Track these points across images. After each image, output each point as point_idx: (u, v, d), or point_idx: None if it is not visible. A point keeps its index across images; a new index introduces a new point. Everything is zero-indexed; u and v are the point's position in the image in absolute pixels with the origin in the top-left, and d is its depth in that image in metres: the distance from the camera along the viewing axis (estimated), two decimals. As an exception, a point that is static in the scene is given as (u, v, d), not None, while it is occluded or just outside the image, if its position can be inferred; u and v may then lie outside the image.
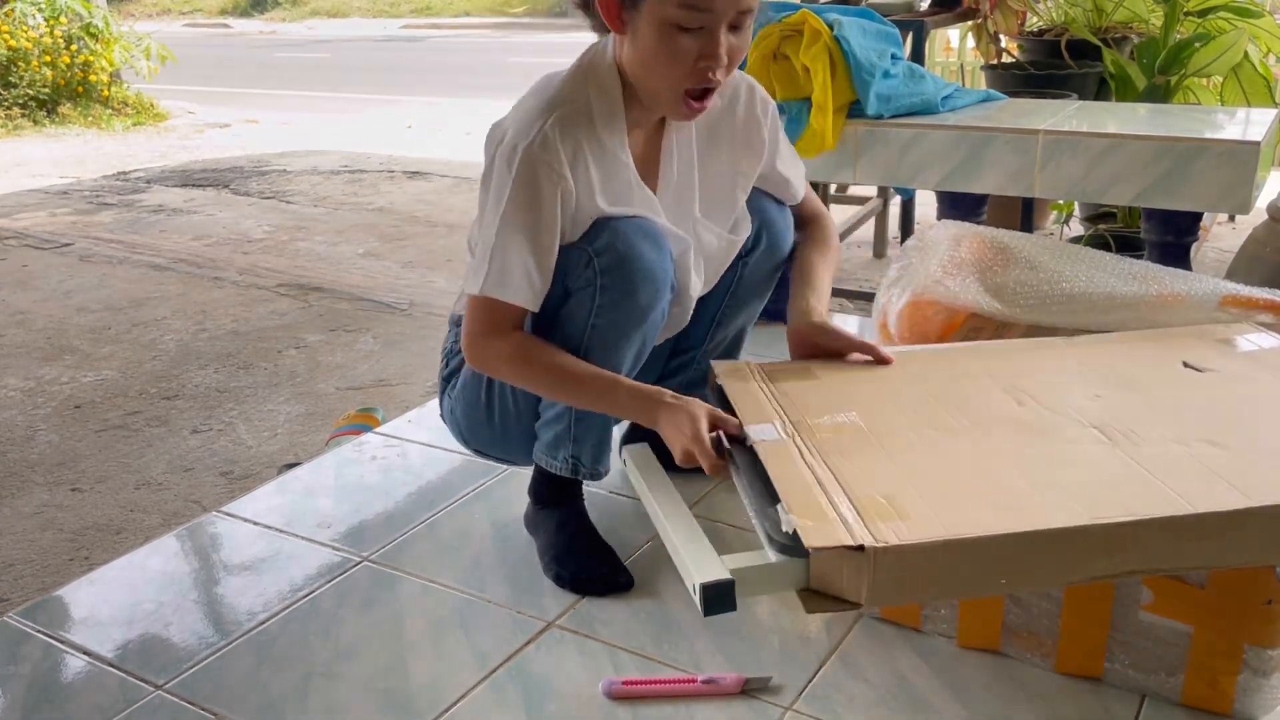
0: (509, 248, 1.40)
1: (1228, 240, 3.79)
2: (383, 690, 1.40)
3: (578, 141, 1.40)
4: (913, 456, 1.21)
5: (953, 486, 1.14)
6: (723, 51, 1.33)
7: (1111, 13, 3.38)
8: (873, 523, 1.06)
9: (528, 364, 1.44)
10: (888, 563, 1.01)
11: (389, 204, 5.31)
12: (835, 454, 1.21)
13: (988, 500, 1.10)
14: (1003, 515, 1.06)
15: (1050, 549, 1.05)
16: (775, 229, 1.67)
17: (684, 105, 1.39)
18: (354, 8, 19.37)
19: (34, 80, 8.14)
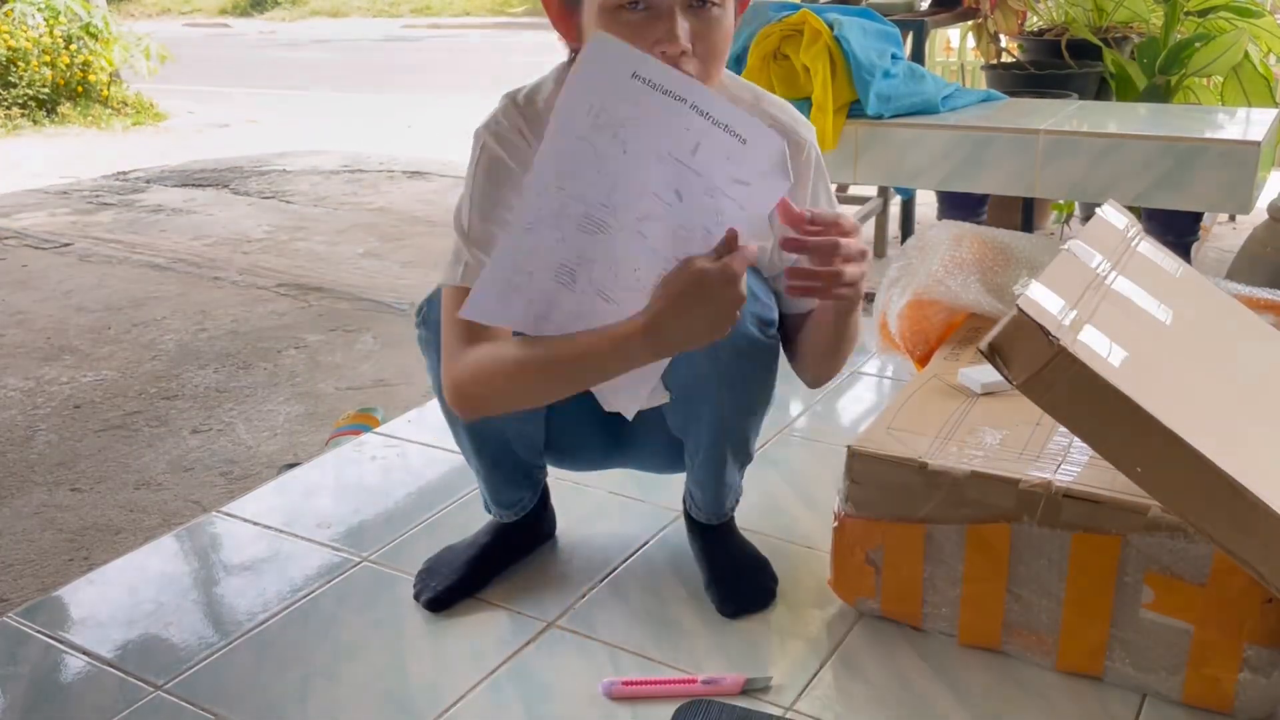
0: (484, 237, 1.27)
1: (1228, 240, 3.79)
2: (383, 690, 1.40)
3: (529, 127, 1.29)
4: (1172, 367, 1.15)
5: (1179, 398, 1.09)
6: (679, 33, 1.14)
7: (1112, 13, 3.37)
8: (1083, 342, 1.04)
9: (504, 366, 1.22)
10: (1063, 367, 1.01)
11: (389, 204, 5.30)
12: (1109, 313, 1.13)
13: (1189, 410, 1.06)
14: (1187, 425, 1.02)
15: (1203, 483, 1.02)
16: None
17: None
18: (354, 8, 19.35)
19: (33, 80, 8.13)
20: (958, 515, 1.36)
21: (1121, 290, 1.21)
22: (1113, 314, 1.15)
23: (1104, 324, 1.11)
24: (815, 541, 1.65)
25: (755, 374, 1.39)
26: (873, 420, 1.51)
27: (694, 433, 1.45)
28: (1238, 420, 1.15)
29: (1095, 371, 1.03)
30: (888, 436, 1.43)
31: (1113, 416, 1.04)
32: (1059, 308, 1.09)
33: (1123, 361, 1.07)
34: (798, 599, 1.54)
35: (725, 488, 1.53)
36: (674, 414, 1.46)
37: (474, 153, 1.32)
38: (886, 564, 1.43)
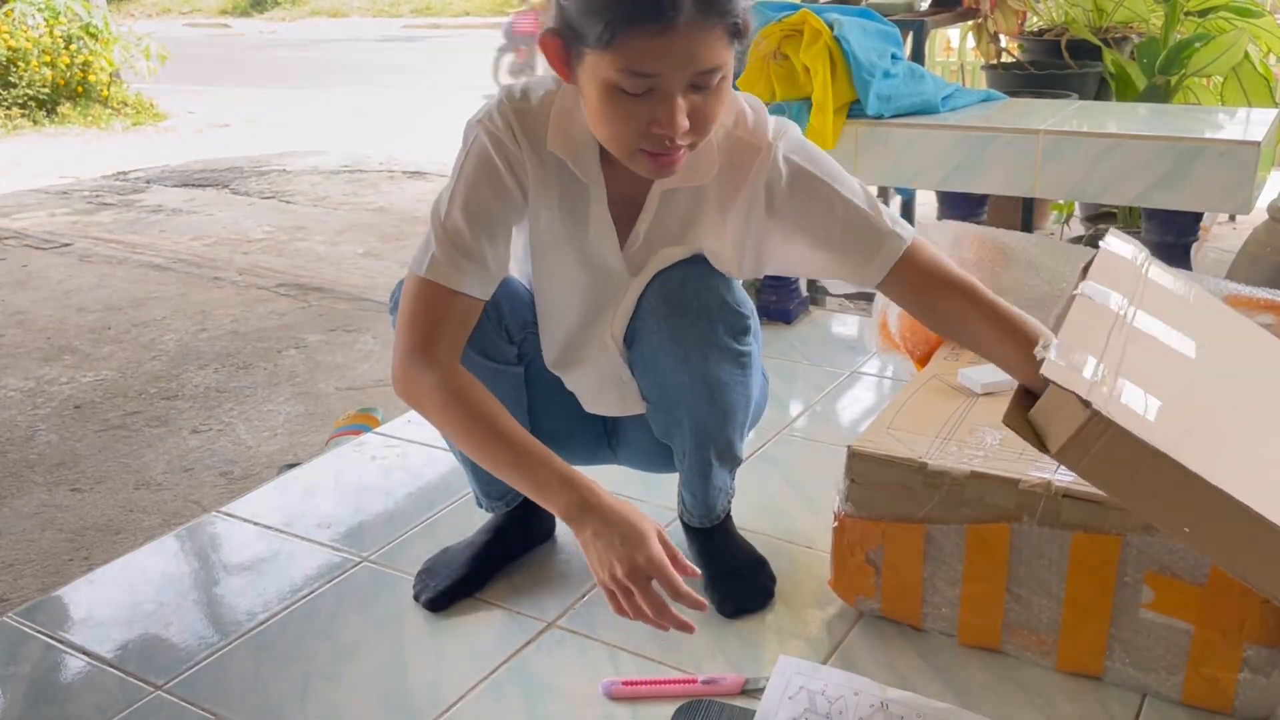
0: (459, 234, 1.25)
1: (1228, 240, 3.79)
2: (383, 690, 1.40)
3: (523, 141, 1.28)
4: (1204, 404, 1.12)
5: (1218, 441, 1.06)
6: (679, 118, 1.13)
7: (1111, 13, 3.37)
8: (1116, 401, 1.01)
9: (456, 415, 1.22)
10: (1099, 431, 0.99)
11: (389, 204, 5.30)
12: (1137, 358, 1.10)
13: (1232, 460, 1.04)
14: (1231, 478, 1.00)
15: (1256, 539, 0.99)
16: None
17: (646, 162, 1.19)
18: (354, 8, 19.35)
19: (33, 80, 8.14)
20: (957, 515, 1.36)
21: (1143, 327, 1.17)
22: (1139, 358, 1.11)
23: (1133, 372, 1.07)
24: (815, 541, 1.65)
25: (731, 381, 1.39)
26: (873, 420, 1.51)
27: (677, 439, 1.46)
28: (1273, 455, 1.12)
29: (1133, 433, 0.98)
30: (888, 436, 1.43)
31: (1155, 477, 1.00)
32: (1087, 365, 1.04)
33: (1158, 413, 1.03)
34: (798, 599, 1.54)
35: (714, 490, 1.52)
36: (656, 421, 1.46)
37: (465, 145, 1.31)
38: (886, 564, 1.43)
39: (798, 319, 2.70)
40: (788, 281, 2.69)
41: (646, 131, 1.15)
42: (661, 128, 1.14)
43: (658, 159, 1.19)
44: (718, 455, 1.47)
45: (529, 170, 1.30)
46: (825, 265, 1.36)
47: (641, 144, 1.17)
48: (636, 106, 1.14)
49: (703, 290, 1.34)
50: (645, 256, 1.37)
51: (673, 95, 1.13)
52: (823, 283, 2.99)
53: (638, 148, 1.18)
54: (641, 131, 1.16)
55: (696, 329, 1.33)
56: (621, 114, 1.15)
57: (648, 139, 1.16)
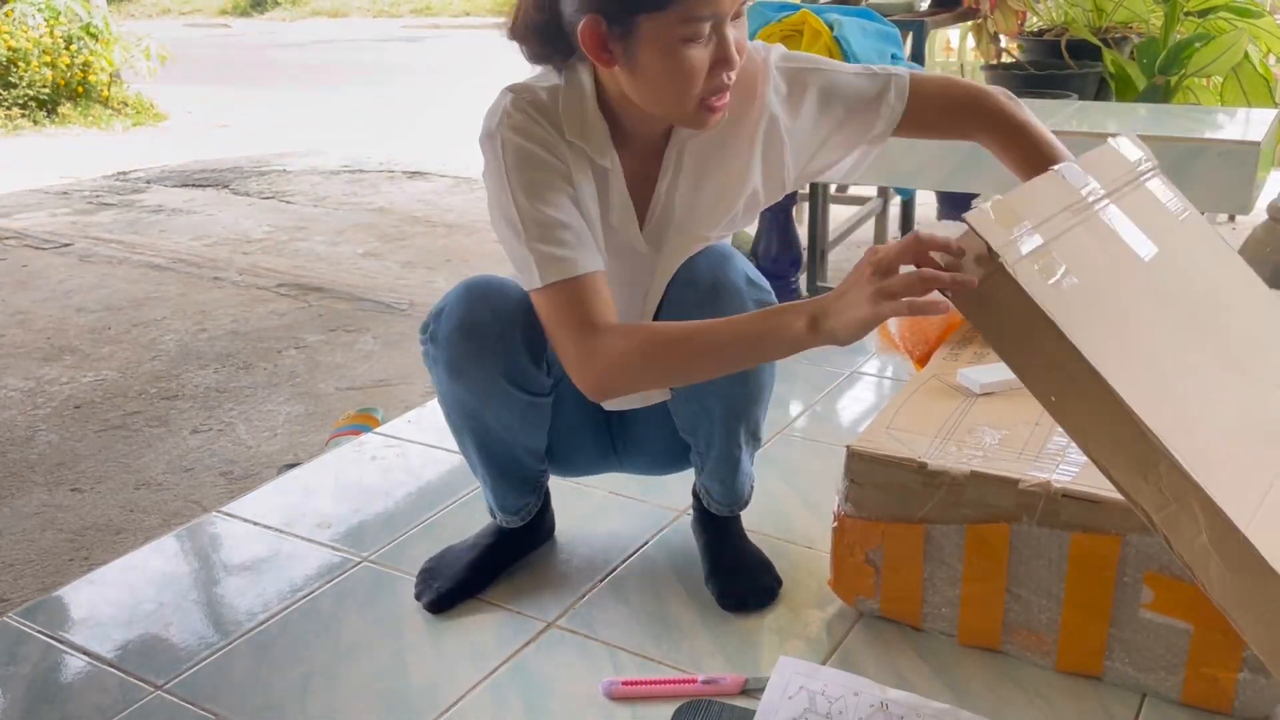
0: (541, 224, 1.23)
1: (1228, 240, 3.79)
2: (383, 690, 1.40)
3: (547, 127, 1.28)
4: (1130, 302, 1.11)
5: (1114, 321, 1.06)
6: (734, 51, 1.20)
7: (1111, 13, 3.37)
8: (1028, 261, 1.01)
9: (657, 350, 1.20)
10: (996, 283, 1.00)
11: (389, 204, 5.30)
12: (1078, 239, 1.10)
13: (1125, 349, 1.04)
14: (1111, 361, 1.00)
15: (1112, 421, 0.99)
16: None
17: (705, 112, 1.24)
18: (354, 8, 19.35)
19: (34, 80, 8.14)
20: (957, 515, 1.36)
21: (1108, 219, 1.17)
22: (1084, 240, 1.11)
23: (1065, 248, 1.08)
24: (815, 541, 1.65)
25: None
26: (872, 420, 1.51)
27: (704, 428, 1.46)
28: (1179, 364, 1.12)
29: (1027, 291, 1.00)
30: (887, 436, 1.43)
31: (1036, 339, 1.01)
32: (1019, 225, 1.05)
33: (1070, 288, 1.04)
34: (798, 599, 1.54)
35: (742, 475, 1.54)
36: (681, 414, 1.46)
37: (494, 154, 1.27)
38: (886, 564, 1.43)
39: (798, 319, 2.69)
40: (788, 281, 2.69)
41: (710, 78, 1.20)
42: (723, 66, 1.19)
43: (715, 105, 1.23)
44: (747, 436, 1.48)
45: (565, 152, 1.29)
46: (850, 139, 1.41)
47: (705, 91, 1.21)
48: (699, 54, 1.18)
49: (730, 271, 1.36)
50: (664, 230, 1.39)
51: (726, 31, 1.18)
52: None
53: (699, 100, 1.22)
54: (707, 78, 1.20)
55: (729, 310, 1.34)
56: (687, 68, 1.18)
57: (709, 84, 1.20)
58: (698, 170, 1.38)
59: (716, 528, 1.59)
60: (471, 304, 1.37)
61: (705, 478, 1.55)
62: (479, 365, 1.36)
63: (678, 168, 1.37)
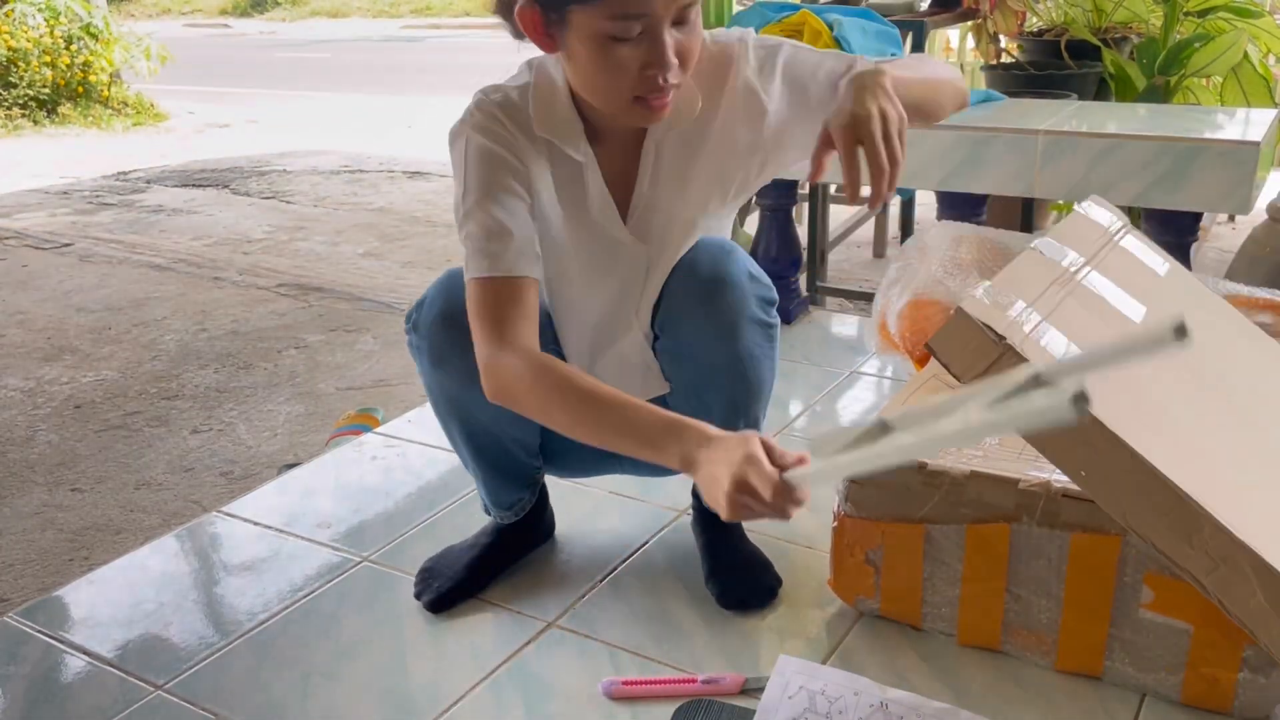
0: (486, 223, 1.26)
1: (1228, 240, 3.79)
2: (383, 690, 1.40)
3: (511, 127, 1.30)
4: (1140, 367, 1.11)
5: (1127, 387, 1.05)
6: (670, 55, 1.17)
7: (1111, 13, 3.37)
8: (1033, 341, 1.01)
9: (548, 389, 1.20)
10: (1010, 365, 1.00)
11: (389, 204, 5.31)
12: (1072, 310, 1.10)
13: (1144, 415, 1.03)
14: (1136, 429, 1.00)
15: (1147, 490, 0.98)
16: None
17: (642, 109, 1.23)
18: (354, 8, 19.35)
19: (34, 80, 8.14)
20: (957, 515, 1.36)
21: (1093, 286, 1.18)
22: (1077, 311, 1.12)
23: (1064, 321, 1.08)
24: (815, 541, 1.65)
25: (760, 355, 1.41)
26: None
27: None
28: (1198, 425, 1.12)
29: None
30: (887, 436, 1.43)
31: None
32: (1014, 305, 1.07)
33: None
34: (798, 599, 1.54)
35: None
36: (683, 410, 1.46)
37: (460, 152, 1.31)
38: (886, 564, 1.43)
39: (798, 319, 2.70)
40: (788, 281, 2.69)
41: (640, 77, 1.19)
42: (655, 68, 1.18)
43: (650, 104, 1.22)
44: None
45: (526, 152, 1.31)
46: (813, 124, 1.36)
47: (636, 90, 1.20)
48: (629, 53, 1.17)
49: (732, 266, 1.37)
50: (649, 221, 1.39)
51: (662, 35, 1.16)
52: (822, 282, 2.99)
53: (631, 96, 1.21)
54: (635, 78, 1.19)
55: (731, 304, 1.36)
56: (614, 64, 1.18)
57: (641, 84, 1.19)
58: (683, 163, 1.38)
59: (716, 528, 1.59)
60: (453, 293, 1.37)
61: None
62: (461, 353, 1.34)
63: (659, 162, 1.37)
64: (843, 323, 2.77)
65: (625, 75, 1.19)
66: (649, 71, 1.18)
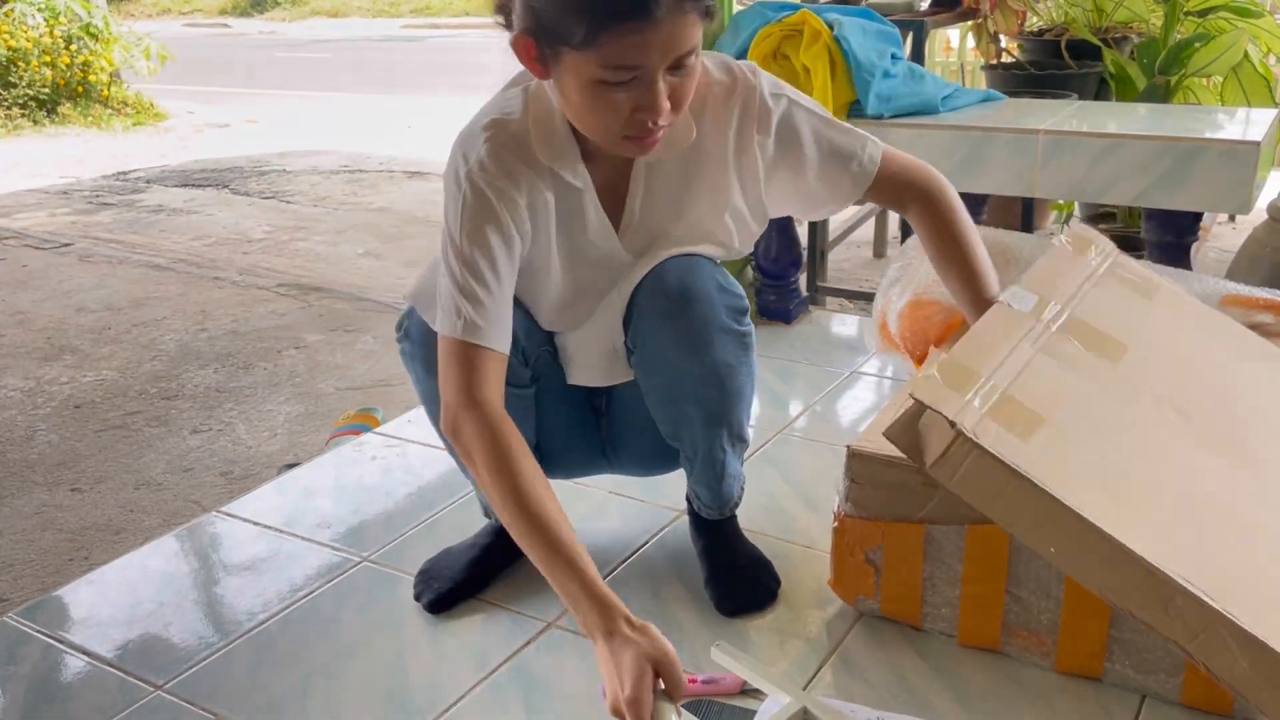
0: (470, 285, 1.26)
1: (1228, 240, 3.79)
2: (383, 690, 1.40)
3: (518, 165, 1.29)
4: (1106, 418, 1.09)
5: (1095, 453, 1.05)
6: (662, 101, 1.17)
7: (1111, 13, 3.37)
8: (989, 421, 1.00)
9: (495, 468, 1.22)
10: (964, 451, 0.99)
11: (389, 204, 5.31)
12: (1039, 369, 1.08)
13: (1110, 482, 1.02)
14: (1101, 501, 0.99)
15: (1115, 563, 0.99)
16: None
17: (632, 145, 1.23)
18: (354, 8, 19.35)
19: (34, 80, 8.14)
20: (957, 515, 1.36)
21: (1069, 335, 1.15)
22: (1046, 370, 1.09)
23: (1030, 385, 1.06)
24: (815, 541, 1.65)
25: (736, 363, 1.41)
26: (872, 420, 1.51)
27: (687, 434, 1.45)
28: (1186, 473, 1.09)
29: (997, 455, 0.98)
30: (887, 437, 1.43)
31: (1019, 498, 0.99)
32: (972, 381, 1.04)
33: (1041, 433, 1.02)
34: (798, 599, 1.54)
35: (729, 478, 1.53)
36: (663, 421, 1.46)
37: (458, 194, 1.28)
38: (886, 564, 1.43)
39: (798, 319, 2.70)
40: (788, 281, 2.69)
41: (630, 118, 1.19)
42: (645, 113, 1.18)
43: (640, 141, 1.22)
44: (729, 440, 1.47)
45: (528, 201, 1.30)
46: (818, 186, 1.41)
47: (626, 130, 1.20)
48: (619, 96, 1.17)
49: (698, 278, 1.36)
50: (644, 239, 1.39)
51: (655, 82, 1.16)
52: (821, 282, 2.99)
53: (622, 134, 1.21)
54: (626, 119, 1.19)
55: (700, 316, 1.35)
56: (604, 105, 1.18)
57: (631, 125, 1.20)
58: (677, 184, 1.38)
59: (712, 532, 1.59)
60: None
61: (693, 482, 1.54)
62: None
63: (650, 182, 1.37)
64: (843, 323, 2.77)
65: (616, 116, 1.19)
66: (639, 115, 1.18)
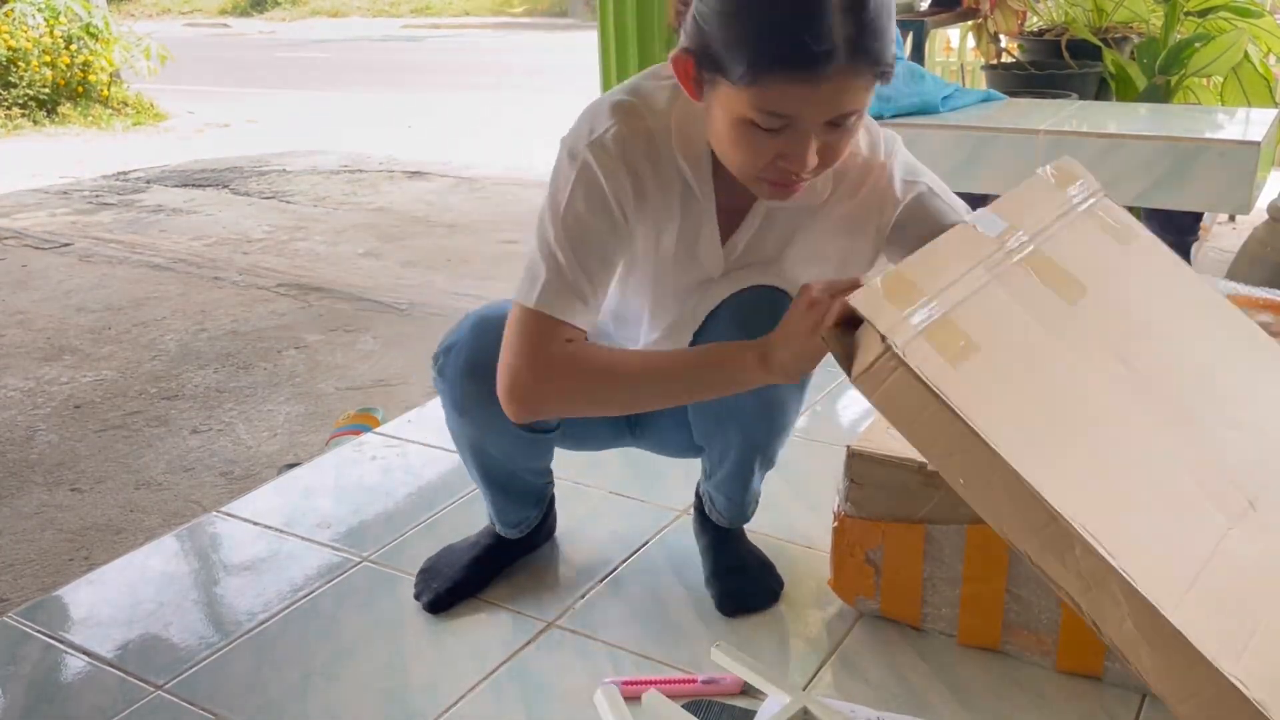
0: (569, 260, 1.20)
1: (1228, 240, 3.79)
2: (383, 690, 1.40)
3: (641, 159, 1.22)
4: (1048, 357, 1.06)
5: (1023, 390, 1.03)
6: (810, 156, 1.11)
7: (1111, 13, 3.37)
8: (922, 340, 0.99)
9: (599, 378, 1.20)
10: (890, 366, 0.98)
11: (389, 204, 5.30)
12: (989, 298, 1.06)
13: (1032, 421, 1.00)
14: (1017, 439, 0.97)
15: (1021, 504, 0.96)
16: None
17: (766, 188, 1.18)
18: (354, 8, 19.35)
19: (34, 80, 8.14)
20: (958, 515, 1.36)
21: (1030, 267, 1.12)
22: (997, 299, 1.07)
23: (974, 312, 1.03)
24: (815, 541, 1.65)
25: (788, 400, 1.39)
26: (873, 420, 1.51)
27: (719, 448, 1.45)
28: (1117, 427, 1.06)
29: (921, 374, 0.97)
30: (888, 436, 1.43)
31: (937, 422, 0.97)
32: (916, 299, 1.02)
33: (972, 361, 1.00)
34: (798, 599, 1.54)
35: (750, 495, 1.53)
36: (702, 434, 1.45)
37: (572, 167, 1.22)
38: (886, 564, 1.43)
39: (798, 319, 2.69)
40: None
41: (773, 163, 1.13)
42: (790, 163, 1.12)
43: (779, 187, 1.17)
44: (761, 464, 1.47)
45: (646, 197, 1.25)
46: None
47: (766, 174, 1.15)
48: (768, 140, 1.11)
49: (773, 314, 1.26)
50: (739, 269, 1.35)
51: (808, 134, 1.10)
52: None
53: (760, 176, 1.16)
54: (767, 164, 1.13)
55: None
56: (750, 145, 1.12)
57: (772, 170, 1.14)
58: (791, 234, 1.33)
59: (717, 532, 1.59)
60: (482, 340, 1.33)
61: (712, 487, 1.54)
62: (485, 404, 1.30)
63: (767, 222, 1.32)
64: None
65: (758, 159, 1.13)
66: (783, 164, 1.12)
